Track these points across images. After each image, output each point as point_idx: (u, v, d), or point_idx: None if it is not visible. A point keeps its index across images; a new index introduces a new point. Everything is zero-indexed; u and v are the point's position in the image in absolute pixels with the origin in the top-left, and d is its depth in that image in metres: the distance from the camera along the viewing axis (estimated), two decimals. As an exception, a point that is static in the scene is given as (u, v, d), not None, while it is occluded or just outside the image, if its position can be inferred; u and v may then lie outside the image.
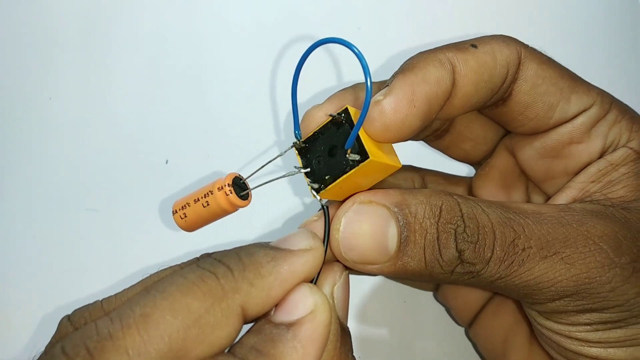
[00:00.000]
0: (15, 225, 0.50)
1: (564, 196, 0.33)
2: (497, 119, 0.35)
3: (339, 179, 0.27)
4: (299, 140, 0.29)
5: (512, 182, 0.38)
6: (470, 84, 0.30)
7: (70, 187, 0.50)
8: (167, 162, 0.51)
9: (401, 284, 0.47)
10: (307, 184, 0.29)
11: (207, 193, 0.28)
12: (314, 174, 0.28)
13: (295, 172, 0.29)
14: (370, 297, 0.47)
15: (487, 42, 0.31)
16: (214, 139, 0.52)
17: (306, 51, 0.26)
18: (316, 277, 0.28)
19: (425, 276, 0.28)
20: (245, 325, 0.25)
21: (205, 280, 0.23)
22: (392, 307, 0.47)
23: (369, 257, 0.28)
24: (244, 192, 0.29)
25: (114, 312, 0.23)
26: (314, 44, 0.26)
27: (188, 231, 0.30)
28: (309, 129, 0.29)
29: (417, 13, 0.55)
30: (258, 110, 0.52)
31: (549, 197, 0.36)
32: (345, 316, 0.29)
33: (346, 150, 0.26)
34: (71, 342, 0.22)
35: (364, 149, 0.26)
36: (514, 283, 0.27)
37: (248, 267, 0.24)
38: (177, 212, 0.29)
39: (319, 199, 0.29)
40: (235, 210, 0.29)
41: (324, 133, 0.28)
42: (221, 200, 0.28)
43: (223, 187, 0.28)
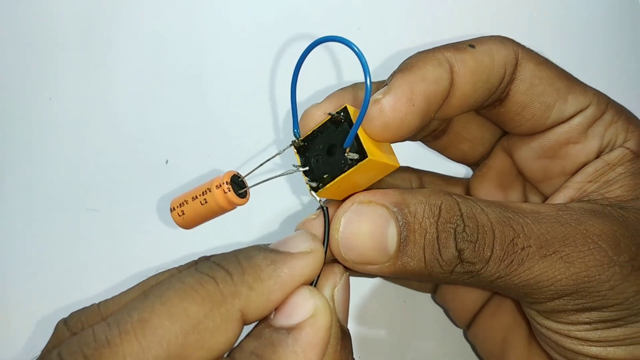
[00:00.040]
0: (15, 225, 0.50)
1: (561, 196, 0.33)
2: (494, 119, 0.35)
3: (337, 178, 0.27)
4: (298, 139, 0.29)
5: (510, 182, 0.38)
6: (468, 83, 0.30)
7: (70, 187, 0.50)
8: (167, 162, 0.51)
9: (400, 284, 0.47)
10: (305, 182, 0.29)
11: (205, 191, 0.28)
12: (313, 173, 0.28)
13: (293, 170, 0.29)
14: (370, 297, 0.47)
15: (484, 43, 0.31)
16: (214, 139, 0.52)
17: (306, 50, 0.26)
18: (316, 278, 0.27)
19: (425, 276, 0.28)
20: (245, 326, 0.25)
21: (204, 284, 0.23)
22: (392, 307, 0.47)
23: (369, 257, 0.28)
24: (242, 190, 0.29)
25: (112, 317, 0.22)
26: (313, 42, 0.26)
27: (186, 229, 0.30)
28: (308, 127, 0.29)
29: (417, 13, 0.55)
30: (258, 110, 0.52)
31: (546, 197, 0.36)
32: (346, 318, 0.29)
33: (345, 149, 0.26)
34: (68, 348, 0.21)
35: (362, 148, 0.26)
36: (513, 282, 0.27)
37: (247, 271, 0.24)
38: (174, 209, 0.29)
39: (318, 199, 0.28)
40: (233, 208, 0.29)
41: (322, 132, 0.28)
42: (219, 198, 0.28)
43: (221, 185, 0.28)
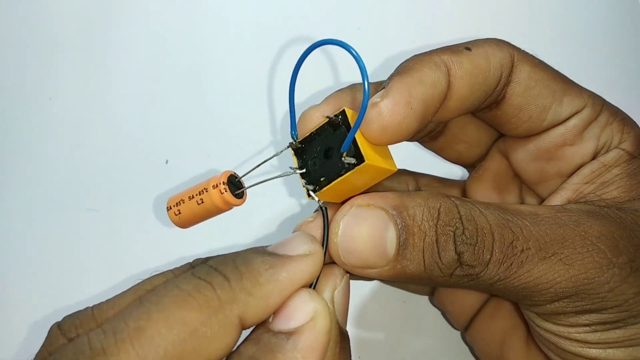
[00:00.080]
0: (15, 225, 0.50)
1: (558, 198, 0.33)
2: (490, 121, 0.35)
3: (333, 182, 0.27)
4: (295, 141, 0.29)
5: (506, 184, 0.38)
6: (465, 86, 0.30)
7: (70, 187, 0.50)
8: (167, 162, 0.51)
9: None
10: (302, 185, 0.28)
11: (202, 190, 0.28)
12: (310, 175, 0.28)
13: (290, 172, 0.29)
14: (370, 298, 0.47)
15: (480, 45, 0.31)
16: (214, 139, 0.52)
17: (304, 52, 0.26)
18: (315, 280, 0.27)
19: (425, 279, 0.28)
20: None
21: (201, 290, 0.22)
22: (391, 307, 0.47)
23: (368, 261, 0.27)
24: (239, 190, 0.29)
25: (107, 324, 0.22)
26: (312, 45, 0.26)
27: (182, 227, 0.30)
28: (305, 129, 0.29)
29: (417, 13, 0.55)
30: (258, 110, 0.52)
31: (542, 199, 0.36)
32: (345, 321, 0.29)
33: (342, 153, 0.26)
34: (63, 357, 0.21)
35: (360, 152, 0.26)
36: (513, 285, 0.27)
37: (245, 276, 0.23)
38: (171, 208, 0.29)
39: (317, 200, 0.28)
40: (229, 208, 0.29)
41: (320, 134, 0.28)
42: (216, 198, 0.28)
43: (218, 185, 0.28)
